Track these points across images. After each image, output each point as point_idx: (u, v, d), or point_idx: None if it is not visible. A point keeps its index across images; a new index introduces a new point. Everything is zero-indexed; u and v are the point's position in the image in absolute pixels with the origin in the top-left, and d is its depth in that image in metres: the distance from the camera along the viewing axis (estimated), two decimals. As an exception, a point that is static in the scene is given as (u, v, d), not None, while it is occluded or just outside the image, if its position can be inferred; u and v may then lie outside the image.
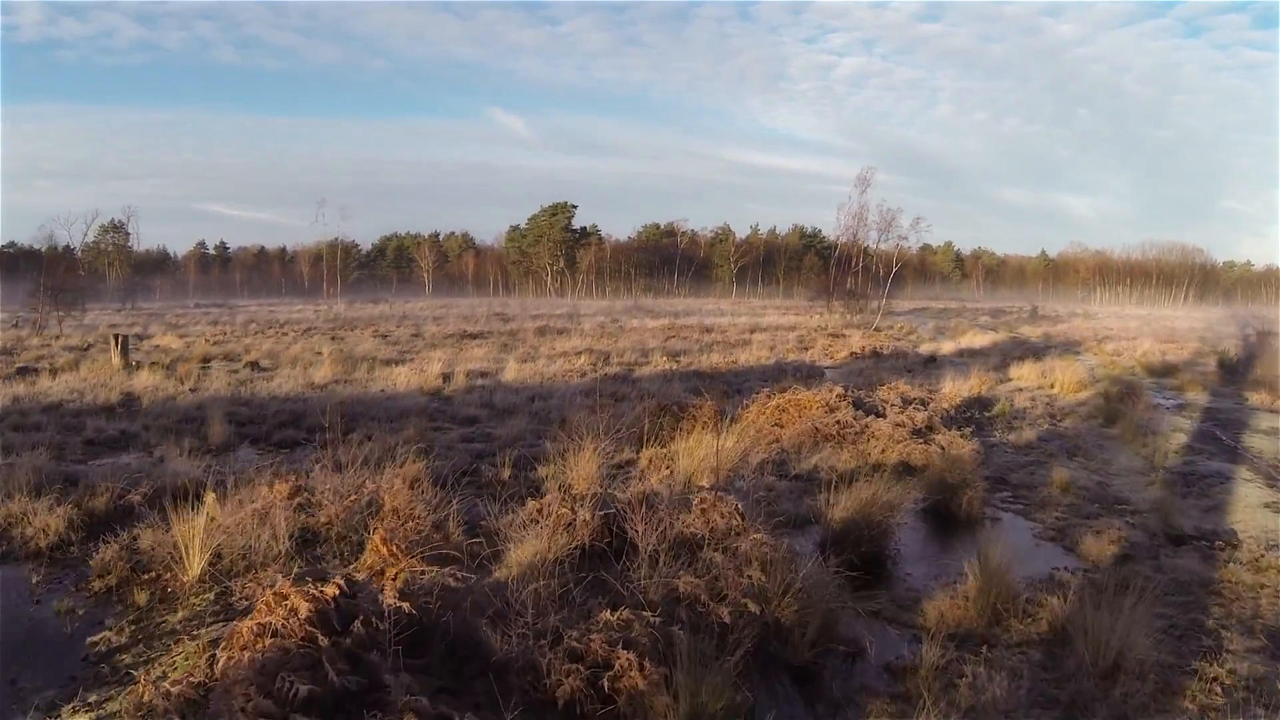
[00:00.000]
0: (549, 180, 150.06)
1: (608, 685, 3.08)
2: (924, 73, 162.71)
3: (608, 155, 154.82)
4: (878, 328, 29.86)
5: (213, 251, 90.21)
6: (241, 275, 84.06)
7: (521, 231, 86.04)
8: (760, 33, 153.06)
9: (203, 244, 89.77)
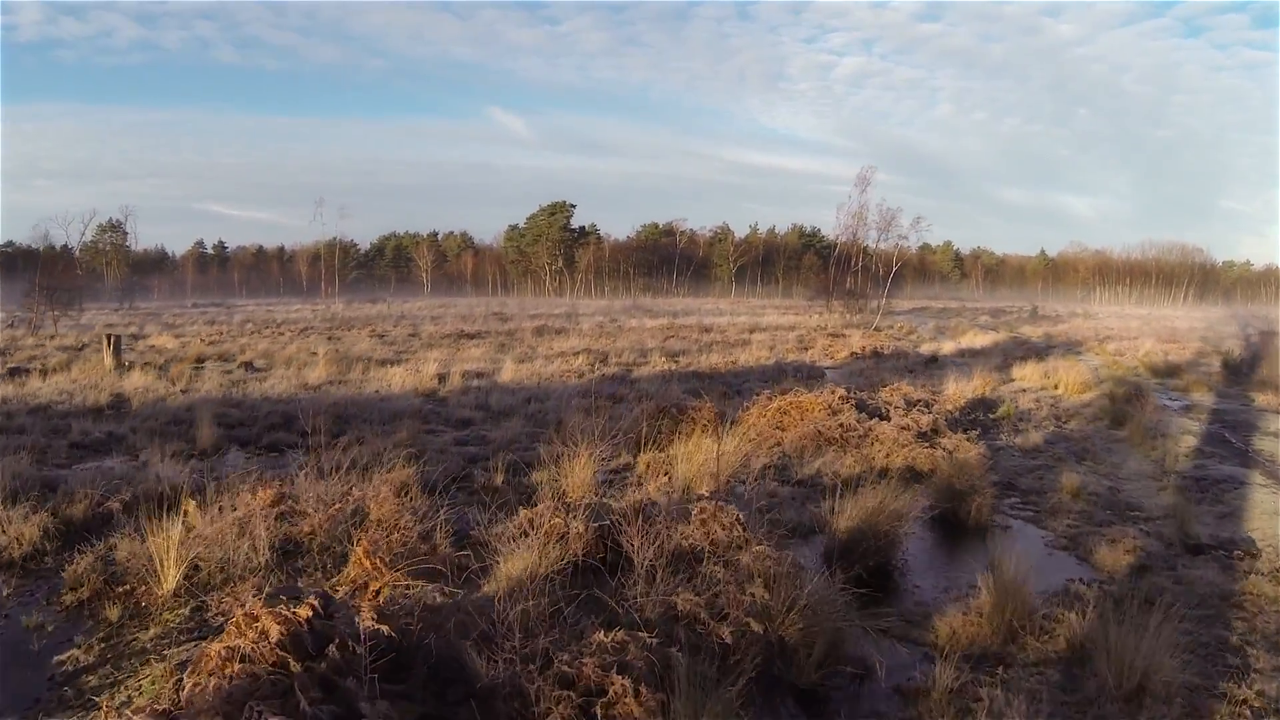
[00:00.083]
0: (548, 180, 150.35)
1: (601, 713, 2.87)
2: (923, 72, 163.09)
3: (607, 155, 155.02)
4: (878, 327, 29.67)
5: (211, 251, 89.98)
6: (240, 275, 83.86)
7: (520, 231, 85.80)
8: (759, 32, 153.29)
9: (201, 244, 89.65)
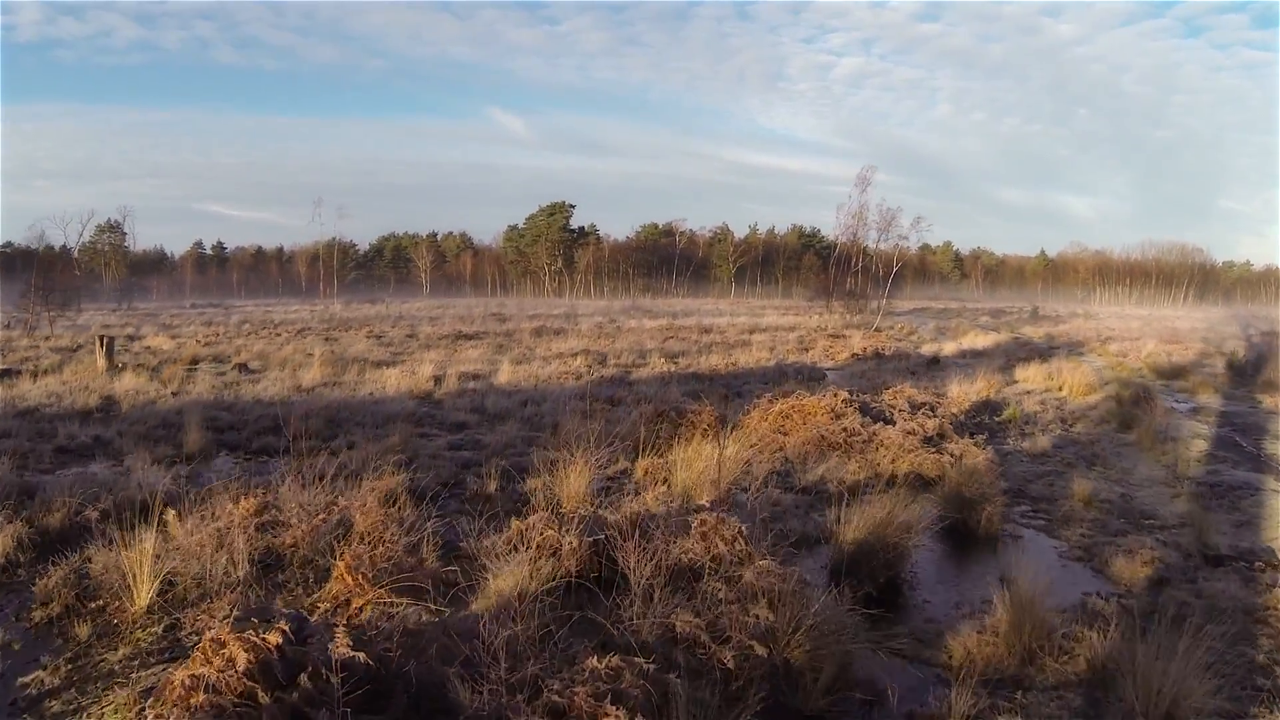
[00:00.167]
0: (547, 180, 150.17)
1: (594, 746, 2.67)
2: (923, 73, 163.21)
3: (606, 155, 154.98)
4: (878, 328, 29.47)
5: (210, 252, 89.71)
6: (239, 275, 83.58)
7: (519, 231, 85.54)
8: (759, 32, 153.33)
9: (200, 244, 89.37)
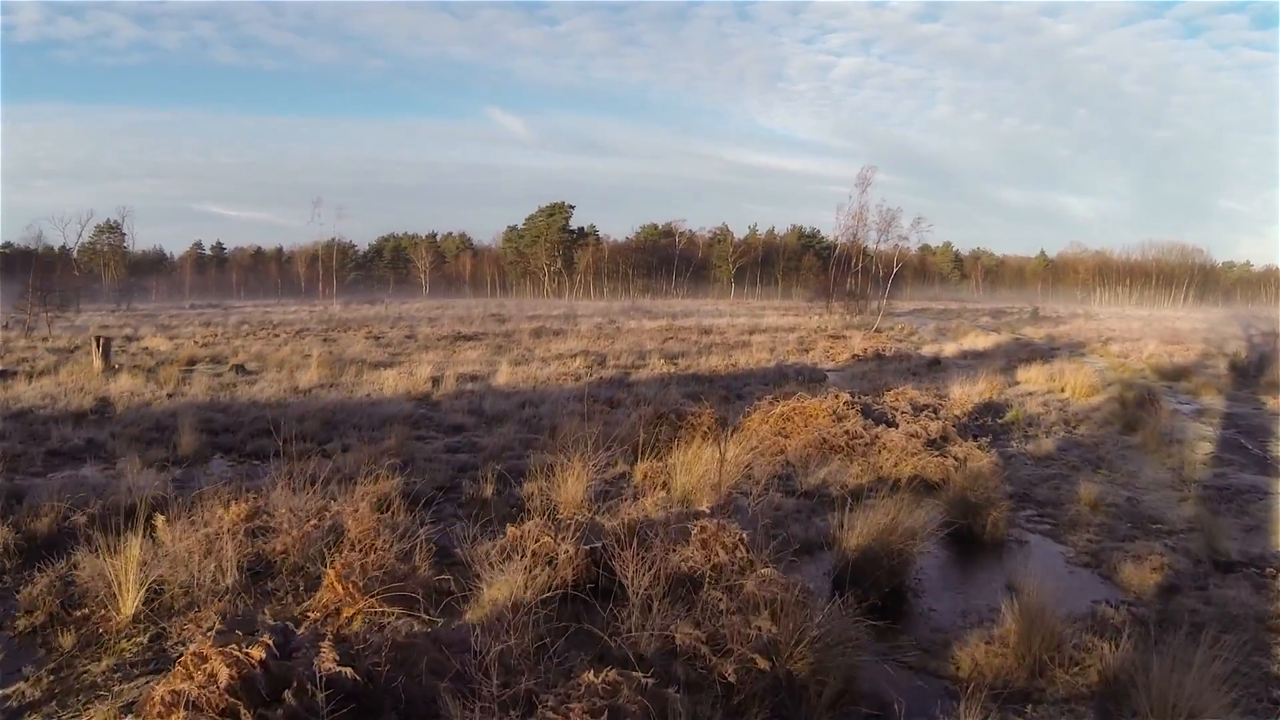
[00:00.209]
0: (547, 180, 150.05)
1: (590, 765, 2.58)
2: (922, 73, 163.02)
3: (606, 155, 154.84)
4: (878, 329, 29.36)
5: (209, 252, 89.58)
6: (238, 276, 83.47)
7: (519, 232, 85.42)
8: (759, 33, 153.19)
9: (199, 244, 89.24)
